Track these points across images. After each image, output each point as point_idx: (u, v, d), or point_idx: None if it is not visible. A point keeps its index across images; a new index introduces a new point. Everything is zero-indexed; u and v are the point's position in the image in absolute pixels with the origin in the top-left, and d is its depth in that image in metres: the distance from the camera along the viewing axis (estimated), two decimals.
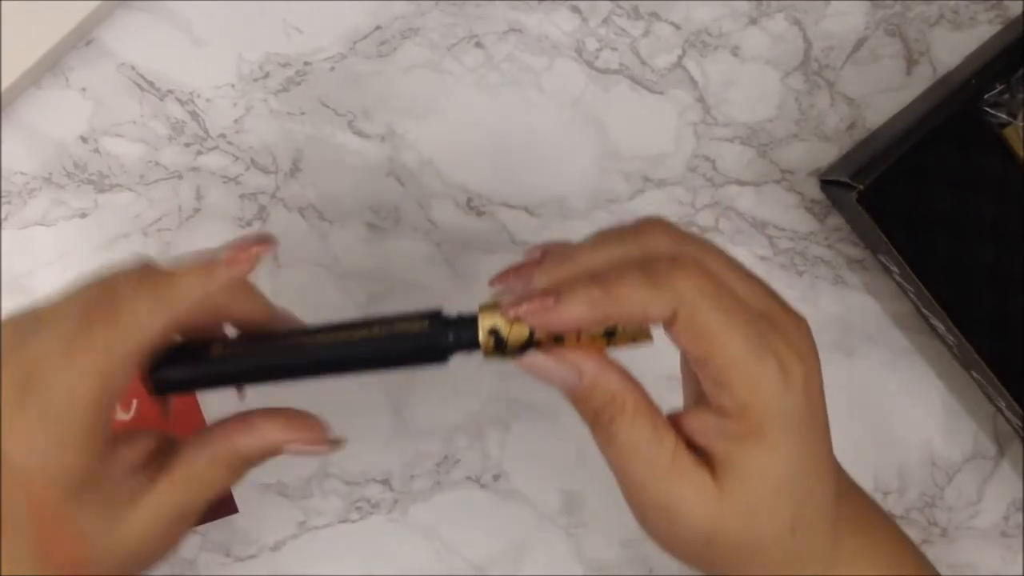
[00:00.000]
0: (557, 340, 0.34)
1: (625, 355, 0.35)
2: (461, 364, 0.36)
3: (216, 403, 0.46)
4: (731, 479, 0.33)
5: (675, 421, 0.35)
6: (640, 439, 0.34)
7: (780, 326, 0.33)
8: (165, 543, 0.36)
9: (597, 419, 0.34)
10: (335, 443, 0.37)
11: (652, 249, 0.34)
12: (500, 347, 0.35)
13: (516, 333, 0.34)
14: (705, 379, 0.33)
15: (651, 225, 0.35)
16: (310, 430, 0.36)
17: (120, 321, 0.33)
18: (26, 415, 0.32)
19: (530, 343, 0.34)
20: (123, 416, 0.54)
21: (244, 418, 0.36)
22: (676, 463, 0.34)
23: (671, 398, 0.56)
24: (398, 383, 0.55)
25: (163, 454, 0.36)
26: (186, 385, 0.36)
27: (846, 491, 0.37)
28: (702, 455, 0.34)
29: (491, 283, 0.38)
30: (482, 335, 0.35)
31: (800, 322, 0.35)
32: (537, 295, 0.33)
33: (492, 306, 0.35)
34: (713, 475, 0.33)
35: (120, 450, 0.34)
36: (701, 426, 0.34)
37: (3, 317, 0.35)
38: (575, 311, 0.32)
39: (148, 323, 0.33)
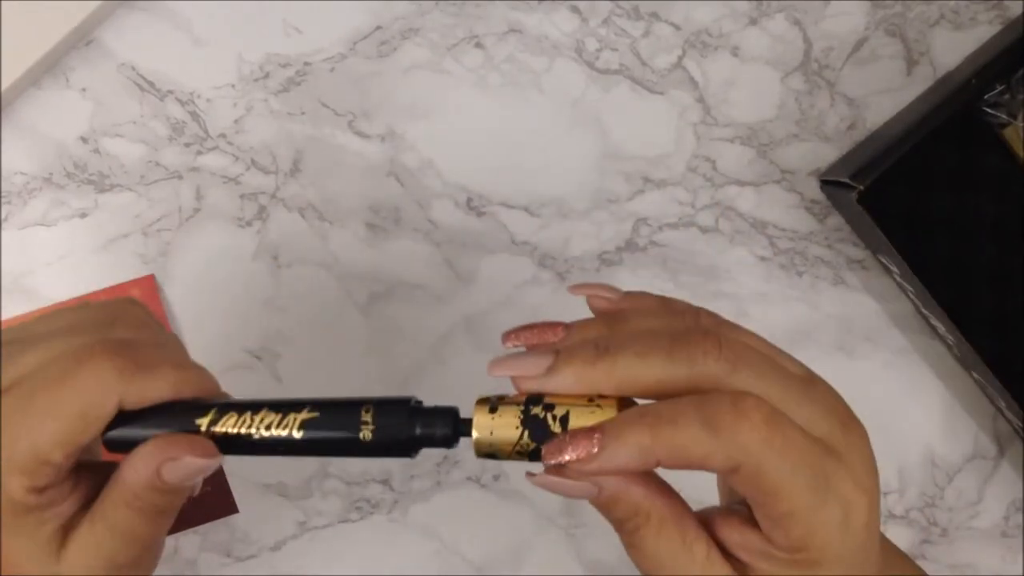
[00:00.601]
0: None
1: None
2: (461, 363, 0.36)
3: None
4: None
5: (709, 521, 0.32)
6: (667, 551, 0.31)
7: (844, 457, 0.31)
8: None
9: (621, 527, 0.32)
10: (214, 455, 0.33)
11: (702, 371, 0.30)
12: (491, 455, 0.31)
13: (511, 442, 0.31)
14: (758, 511, 0.31)
15: (702, 336, 0.31)
16: (183, 446, 0.32)
17: (97, 388, 0.31)
18: None
19: (535, 449, 0.31)
20: None
21: (131, 452, 0.33)
22: (707, 570, 0.31)
23: None
24: (398, 383, 0.55)
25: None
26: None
27: None
28: (735, 561, 0.32)
29: (505, 339, 0.34)
30: (476, 434, 0.31)
31: (862, 436, 0.32)
32: (580, 438, 0.30)
33: (487, 401, 0.32)
34: None
35: (75, 486, 0.32)
36: (743, 541, 0.32)
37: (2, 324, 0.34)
38: (623, 458, 0.29)
39: (118, 400, 0.31)
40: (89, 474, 0.33)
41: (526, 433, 0.31)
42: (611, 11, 0.57)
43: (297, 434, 0.32)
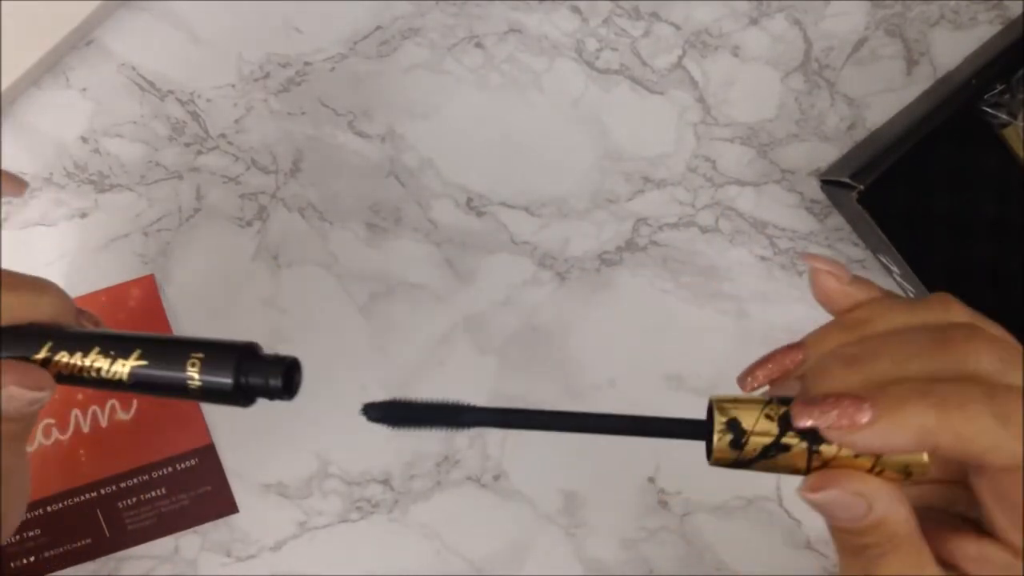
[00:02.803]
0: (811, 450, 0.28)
1: (624, 354, 0.35)
2: (461, 363, 0.36)
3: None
4: None
5: (932, 535, 0.30)
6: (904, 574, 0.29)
7: None
8: None
9: (862, 552, 0.29)
10: (47, 386, 0.33)
11: (975, 369, 0.28)
12: (737, 446, 0.28)
13: (760, 434, 0.28)
14: (1014, 520, 0.29)
15: (970, 335, 0.29)
16: (14, 375, 0.32)
17: None
18: None
19: (775, 447, 0.28)
20: (123, 416, 0.54)
21: None
22: None
23: (676, 397, 0.56)
24: (398, 383, 0.55)
25: None
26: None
27: None
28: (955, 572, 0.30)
29: (745, 382, 0.31)
30: (717, 433, 0.28)
31: None
32: (847, 400, 0.27)
33: (730, 400, 0.29)
34: None
35: None
36: (981, 554, 0.29)
37: None
38: (898, 436, 0.26)
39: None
40: None
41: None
42: (611, 11, 0.57)
43: (127, 379, 0.32)
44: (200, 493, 0.54)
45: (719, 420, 0.28)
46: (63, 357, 0.33)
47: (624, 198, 0.57)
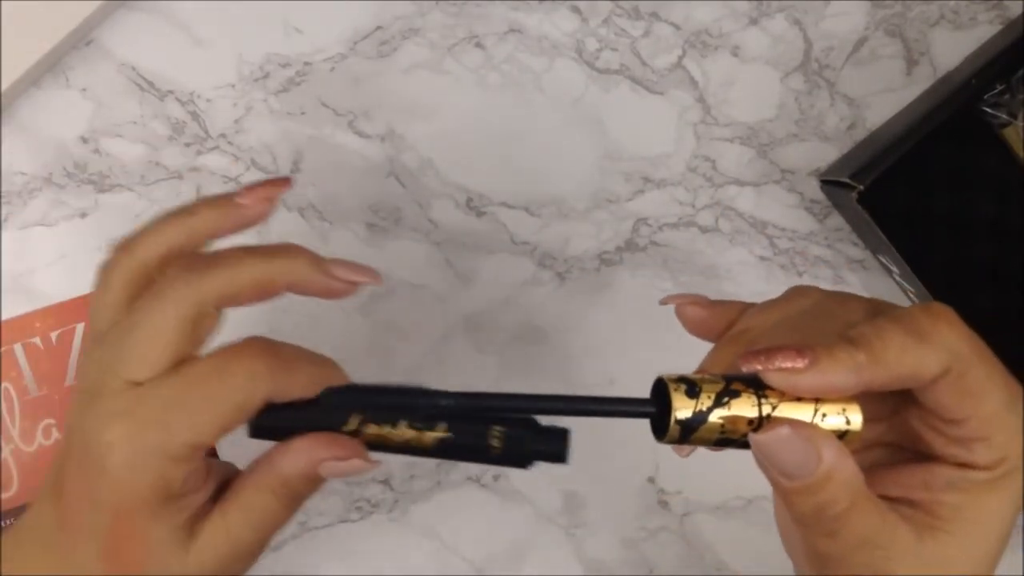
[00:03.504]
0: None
1: (624, 354, 0.35)
2: (461, 363, 0.36)
3: None
4: (959, 530, 0.31)
5: (872, 477, 0.32)
6: (871, 527, 0.30)
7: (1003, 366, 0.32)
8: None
9: (820, 515, 0.30)
10: (372, 462, 0.34)
11: (868, 313, 0.32)
12: (693, 395, 0.31)
13: (711, 382, 0.31)
14: (948, 434, 0.31)
15: (844, 297, 0.33)
16: (345, 448, 0.34)
17: (251, 383, 0.32)
18: (137, 419, 0.31)
19: (727, 393, 0.30)
20: None
21: (284, 443, 0.34)
22: (900, 534, 0.31)
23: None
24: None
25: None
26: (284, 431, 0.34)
27: None
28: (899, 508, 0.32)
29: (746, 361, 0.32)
30: (672, 383, 0.31)
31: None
32: (788, 350, 0.29)
33: (681, 381, 0.31)
34: (919, 527, 0.31)
35: (205, 477, 0.33)
36: (927, 480, 0.31)
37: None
38: (837, 373, 0.29)
39: (267, 393, 0.32)
40: (214, 468, 0.34)
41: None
42: (611, 11, 0.57)
43: (430, 447, 0.33)
44: None
45: (670, 378, 0.31)
46: (371, 429, 0.33)
47: (624, 198, 0.57)
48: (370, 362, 0.55)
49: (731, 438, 0.31)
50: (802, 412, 0.30)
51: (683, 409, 0.30)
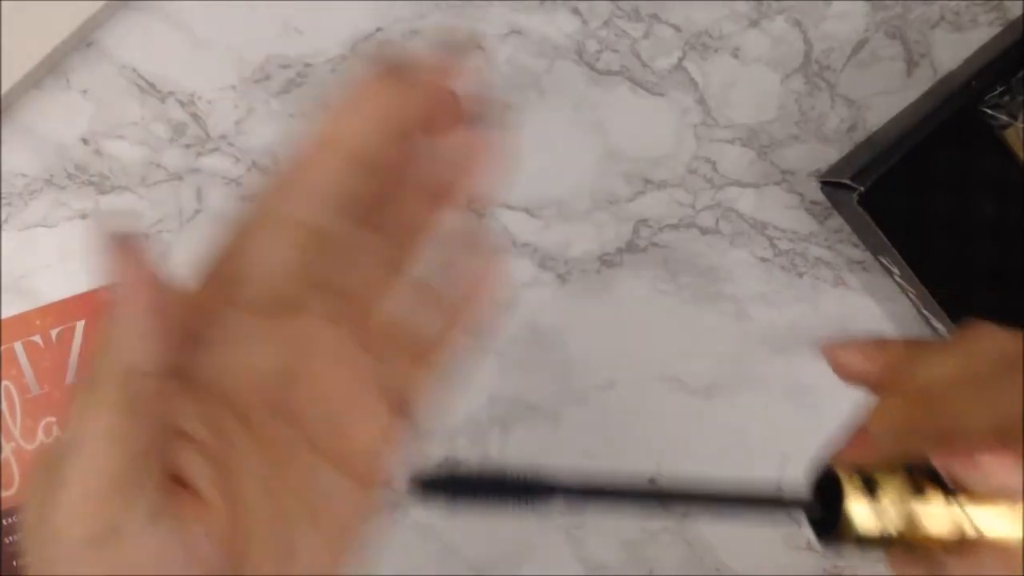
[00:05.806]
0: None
1: (624, 355, 0.35)
2: (461, 363, 0.36)
3: None
4: None
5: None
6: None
7: None
8: None
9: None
10: None
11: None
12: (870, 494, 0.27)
13: (890, 493, 0.27)
14: None
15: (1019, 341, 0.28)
16: None
17: None
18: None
19: (903, 513, 0.27)
20: None
21: None
22: None
23: (676, 398, 0.56)
24: None
25: None
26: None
27: None
28: None
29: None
30: (846, 478, 0.27)
31: None
32: (998, 449, 0.26)
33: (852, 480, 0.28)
34: None
35: None
36: None
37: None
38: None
39: None
40: None
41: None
42: (612, 12, 0.57)
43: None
44: None
45: (841, 467, 0.27)
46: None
47: (624, 199, 0.57)
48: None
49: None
50: (1009, 522, 0.26)
51: (862, 521, 0.27)
